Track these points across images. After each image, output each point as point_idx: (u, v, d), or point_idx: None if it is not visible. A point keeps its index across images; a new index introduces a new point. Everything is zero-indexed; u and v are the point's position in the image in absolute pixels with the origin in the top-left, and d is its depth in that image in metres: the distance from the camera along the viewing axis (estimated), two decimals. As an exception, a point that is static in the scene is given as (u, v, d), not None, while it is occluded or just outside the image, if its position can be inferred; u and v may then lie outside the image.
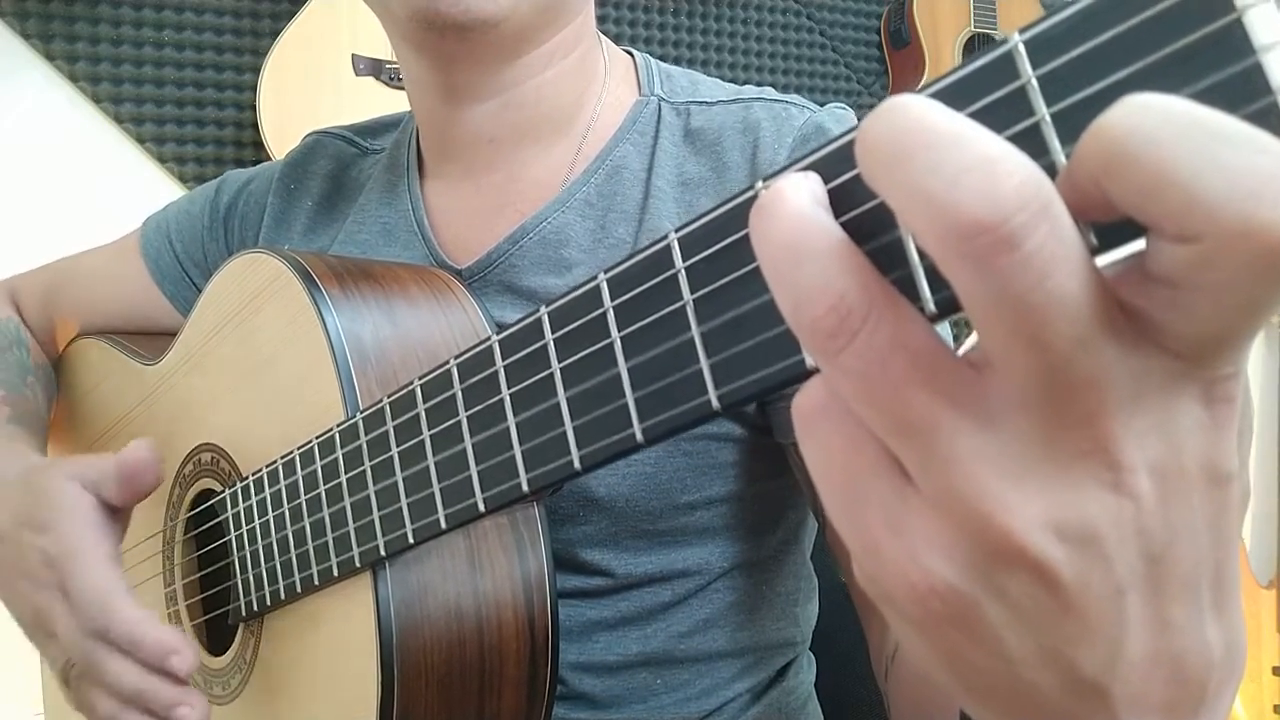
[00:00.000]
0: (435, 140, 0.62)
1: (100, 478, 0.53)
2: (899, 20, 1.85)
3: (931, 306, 0.19)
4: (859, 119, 0.59)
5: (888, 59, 1.92)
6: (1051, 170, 0.17)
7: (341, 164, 0.70)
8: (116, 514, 0.53)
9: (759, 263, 0.20)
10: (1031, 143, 0.17)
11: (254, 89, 1.40)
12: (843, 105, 0.59)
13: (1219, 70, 0.16)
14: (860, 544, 0.21)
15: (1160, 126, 0.16)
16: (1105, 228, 0.18)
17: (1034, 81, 0.17)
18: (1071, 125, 0.17)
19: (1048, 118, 0.17)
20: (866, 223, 0.20)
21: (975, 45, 1.83)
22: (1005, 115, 0.18)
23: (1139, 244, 0.18)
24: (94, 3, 1.37)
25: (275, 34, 1.42)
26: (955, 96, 0.18)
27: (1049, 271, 0.16)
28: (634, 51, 0.65)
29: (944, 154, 0.17)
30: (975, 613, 0.20)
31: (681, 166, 0.57)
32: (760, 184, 0.22)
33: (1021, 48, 0.17)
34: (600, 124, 0.60)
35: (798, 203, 0.20)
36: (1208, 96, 0.16)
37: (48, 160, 1.37)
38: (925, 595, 0.20)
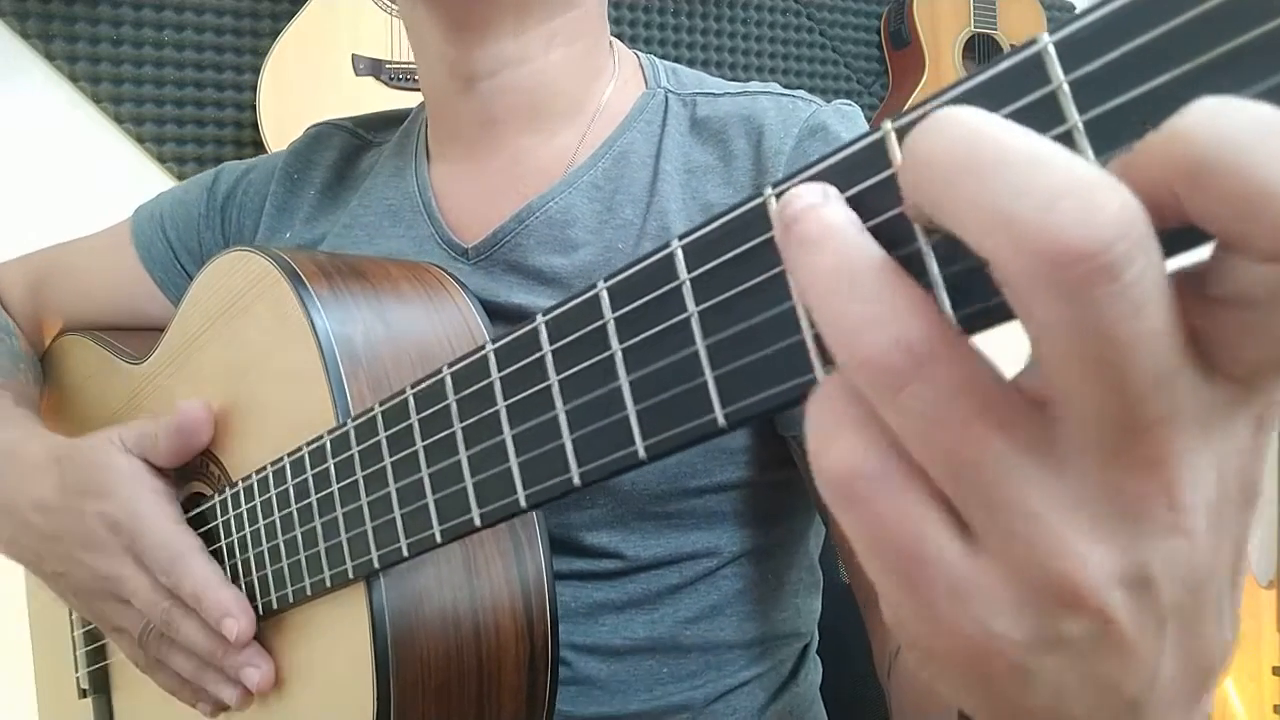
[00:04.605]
0: (442, 120, 0.63)
1: (144, 440, 0.53)
2: (899, 20, 1.85)
3: (954, 324, 0.18)
4: (859, 124, 0.57)
5: (888, 59, 1.91)
6: None
7: (345, 154, 0.70)
8: (165, 476, 0.53)
9: (803, 294, 0.19)
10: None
11: (254, 89, 1.39)
12: (848, 101, 0.60)
13: (1273, 74, 0.14)
14: (914, 612, 0.19)
15: (1253, 134, 0.14)
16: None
17: (1065, 87, 0.16)
18: (1107, 133, 0.16)
19: (1080, 125, 0.16)
20: (882, 235, 0.19)
21: (975, 45, 1.83)
22: (1034, 122, 0.17)
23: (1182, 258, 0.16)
24: (94, 3, 1.36)
25: (275, 34, 1.41)
26: (980, 101, 0.17)
27: (1143, 303, 0.15)
28: (640, 53, 0.66)
29: (1026, 175, 0.15)
30: (1035, 664, 0.19)
31: (688, 155, 0.58)
32: (769, 190, 0.21)
33: (1051, 49, 0.16)
34: (606, 113, 0.61)
35: (844, 233, 0.19)
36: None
37: (48, 160, 1.36)
38: (989, 657, 0.19)
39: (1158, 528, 0.18)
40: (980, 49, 1.83)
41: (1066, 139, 0.16)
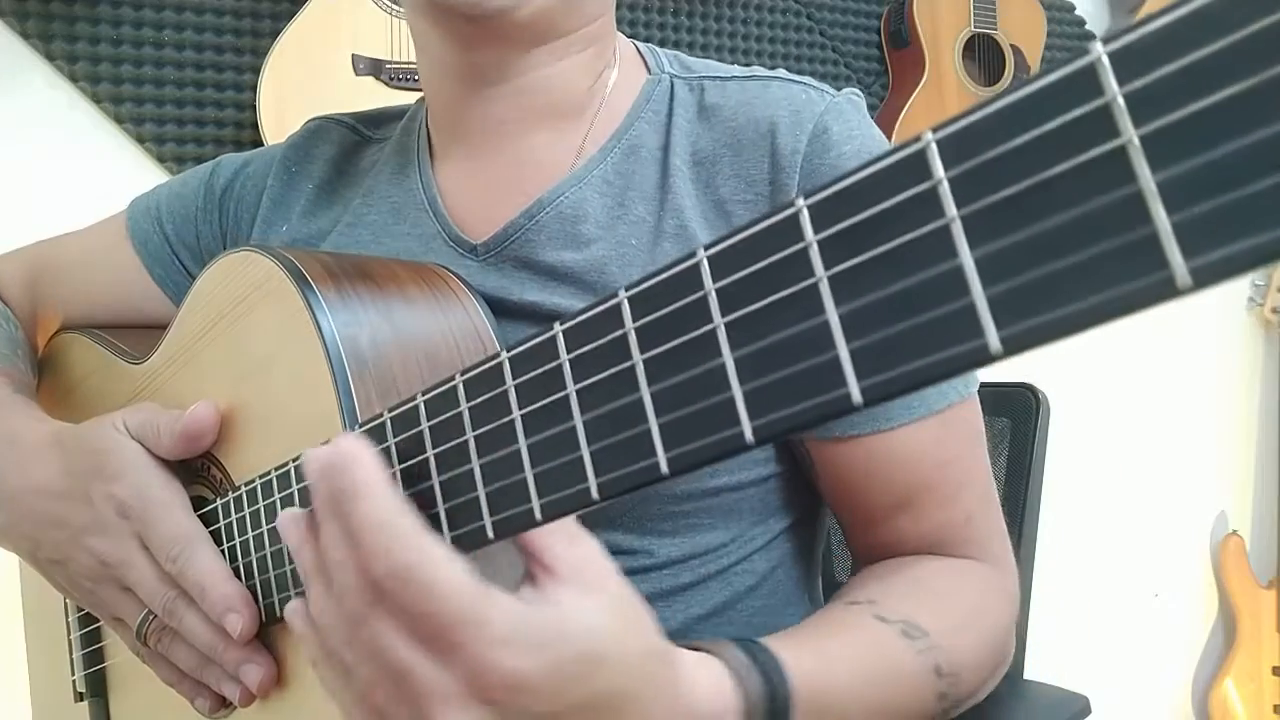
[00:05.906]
0: (445, 121, 0.63)
1: (145, 429, 0.52)
2: (899, 20, 1.84)
3: None
4: (862, 119, 0.56)
5: (887, 59, 1.91)
6: (1140, 204, 0.15)
7: (344, 150, 0.70)
8: (170, 468, 0.53)
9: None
10: (1117, 168, 0.16)
11: (254, 89, 1.38)
12: (857, 92, 0.59)
13: None
14: None
15: None
16: None
17: (1120, 100, 0.16)
18: (1164, 150, 0.15)
19: (1136, 140, 0.16)
20: None
21: (975, 45, 1.82)
22: (1086, 137, 0.16)
23: None
24: (94, 3, 1.35)
25: (275, 34, 1.40)
26: (1031, 112, 0.16)
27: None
28: (638, 43, 0.65)
29: None
30: None
31: (695, 144, 0.57)
32: (801, 201, 0.20)
33: (1105, 60, 0.16)
34: (610, 107, 0.60)
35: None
36: None
37: (48, 160, 1.35)
38: None
39: None
40: (980, 49, 1.83)
41: (1121, 154, 0.16)
